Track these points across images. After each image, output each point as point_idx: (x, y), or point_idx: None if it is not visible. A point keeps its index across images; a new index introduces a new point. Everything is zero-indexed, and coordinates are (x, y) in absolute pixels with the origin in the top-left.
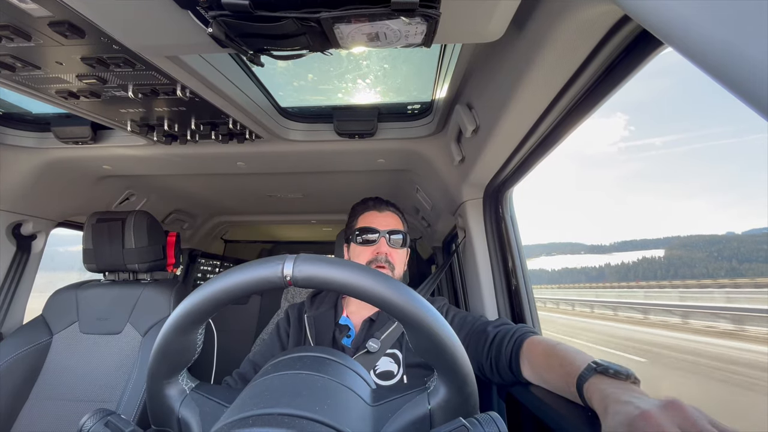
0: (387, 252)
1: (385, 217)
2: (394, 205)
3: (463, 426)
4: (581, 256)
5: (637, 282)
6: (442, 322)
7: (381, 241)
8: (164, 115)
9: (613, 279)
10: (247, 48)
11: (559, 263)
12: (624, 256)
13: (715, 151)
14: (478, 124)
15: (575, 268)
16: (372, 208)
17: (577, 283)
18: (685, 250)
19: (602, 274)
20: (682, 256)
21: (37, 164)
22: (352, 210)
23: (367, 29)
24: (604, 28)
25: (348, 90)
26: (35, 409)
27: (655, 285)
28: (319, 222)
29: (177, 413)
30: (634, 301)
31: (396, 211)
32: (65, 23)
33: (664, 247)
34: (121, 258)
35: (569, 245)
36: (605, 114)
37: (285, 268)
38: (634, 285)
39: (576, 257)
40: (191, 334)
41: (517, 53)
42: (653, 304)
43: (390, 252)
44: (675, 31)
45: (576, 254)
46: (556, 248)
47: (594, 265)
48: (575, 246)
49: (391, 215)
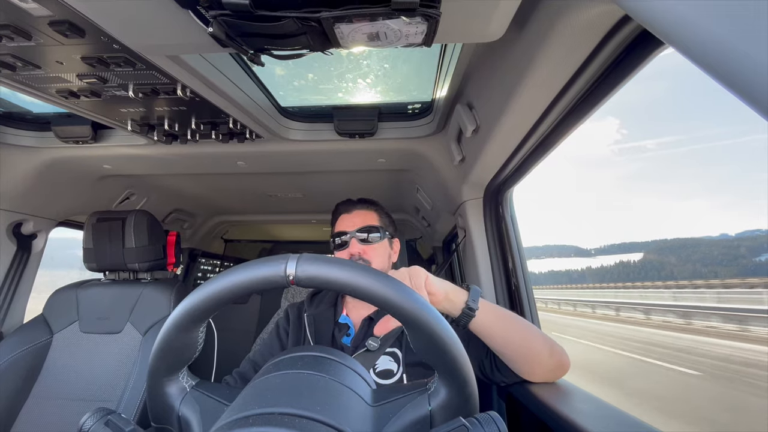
0: (360, 251)
1: (353, 216)
2: (366, 201)
3: (463, 426)
4: (568, 259)
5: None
6: (444, 324)
7: (352, 242)
8: (164, 115)
9: (593, 281)
10: (248, 47)
11: (547, 266)
12: (604, 259)
13: (711, 152)
14: (478, 123)
15: (560, 271)
16: (342, 212)
17: (559, 284)
18: (658, 254)
19: (583, 276)
20: (653, 260)
21: (37, 164)
22: (331, 218)
23: (368, 29)
24: (605, 28)
25: (348, 90)
26: (35, 408)
27: (627, 286)
28: (319, 222)
29: (177, 411)
30: (607, 300)
31: (367, 207)
32: (65, 22)
33: (643, 251)
34: (122, 257)
35: (557, 248)
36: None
37: (288, 268)
38: (605, 286)
39: (563, 260)
40: (193, 331)
41: (518, 53)
42: (622, 302)
43: (364, 250)
44: (676, 30)
45: (564, 257)
46: (545, 251)
47: (577, 268)
48: (564, 249)
49: (359, 213)
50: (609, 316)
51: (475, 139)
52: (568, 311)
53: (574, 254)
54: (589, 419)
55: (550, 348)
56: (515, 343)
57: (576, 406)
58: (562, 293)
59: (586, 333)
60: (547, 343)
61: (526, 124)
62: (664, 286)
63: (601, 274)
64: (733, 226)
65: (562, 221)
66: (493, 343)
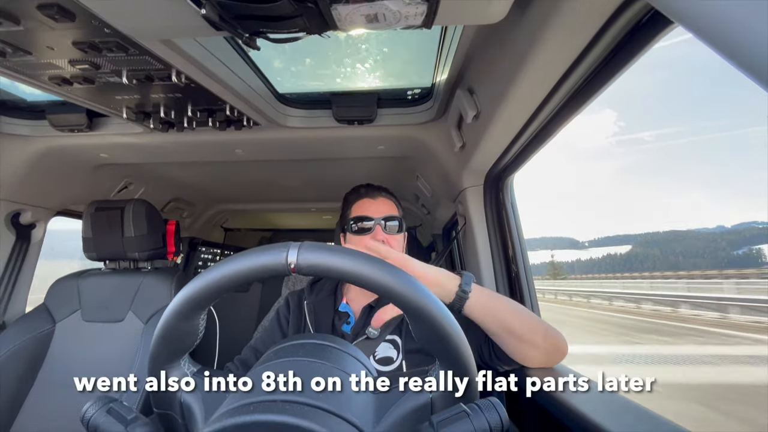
0: (384, 239)
1: (379, 203)
2: (386, 190)
3: (463, 412)
4: (561, 251)
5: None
6: (445, 312)
7: (376, 228)
8: (160, 102)
9: (581, 272)
10: (242, 31)
11: (540, 258)
12: (595, 251)
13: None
14: (479, 109)
15: (552, 262)
16: (365, 196)
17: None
18: (644, 247)
19: (572, 267)
20: (639, 253)
21: (33, 152)
22: (345, 199)
23: (366, 10)
24: (610, 9)
25: (347, 75)
26: (39, 397)
27: (609, 277)
28: (318, 210)
29: (179, 397)
30: (586, 289)
31: (389, 197)
32: (54, 6)
33: (632, 243)
34: (121, 247)
35: (553, 240)
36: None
37: (289, 256)
38: (590, 277)
39: (557, 252)
40: (194, 319)
41: (520, 36)
42: (596, 291)
43: (387, 239)
44: (685, 8)
45: (558, 249)
46: (542, 243)
47: (567, 260)
48: (561, 241)
49: (384, 201)
50: (582, 303)
51: (476, 125)
52: (550, 299)
53: (568, 246)
54: (587, 404)
55: (545, 331)
56: (508, 324)
57: (576, 393)
58: (550, 283)
59: (560, 315)
60: (542, 326)
61: (528, 109)
62: (641, 276)
63: (590, 265)
64: (731, 218)
65: (558, 214)
66: (488, 326)
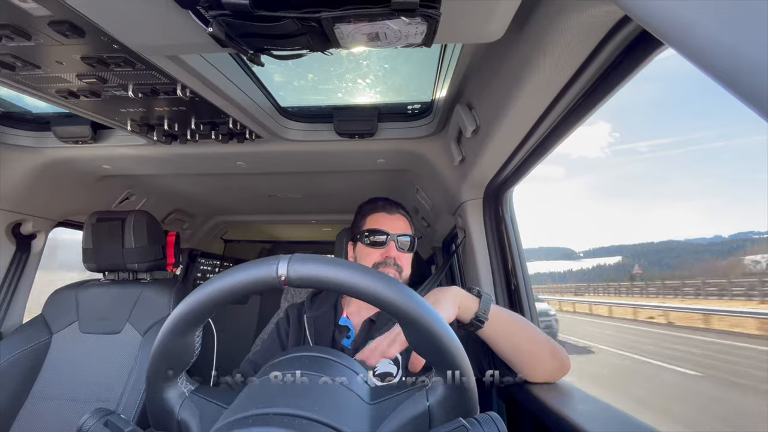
0: (396, 256)
1: (395, 219)
2: (404, 208)
3: (462, 426)
4: (555, 262)
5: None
6: (440, 321)
7: (390, 244)
8: (164, 115)
9: (573, 281)
10: (248, 48)
11: (535, 268)
12: (588, 262)
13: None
14: (478, 124)
15: (546, 272)
16: (381, 210)
17: (543, 284)
18: (633, 258)
19: (564, 277)
20: (627, 264)
21: (36, 164)
22: (360, 209)
23: (368, 29)
24: (605, 28)
25: (348, 90)
26: (35, 409)
27: (593, 286)
28: (319, 222)
29: (177, 416)
30: (570, 298)
31: (406, 215)
32: (65, 23)
33: (623, 254)
34: (121, 257)
35: (548, 251)
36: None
37: (279, 268)
38: (579, 286)
39: (551, 263)
40: (189, 336)
41: (518, 53)
42: (577, 300)
43: (398, 255)
44: (675, 31)
45: (552, 260)
46: (537, 254)
47: (560, 270)
48: (555, 251)
49: (400, 218)
50: (563, 309)
51: (475, 140)
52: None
53: (563, 257)
54: (588, 420)
55: (552, 350)
56: (519, 347)
57: (575, 407)
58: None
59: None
60: (549, 345)
61: (526, 124)
62: (620, 286)
63: (580, 275)
64: (728, 228)
65: (555, 224)
66: (497, 347)
